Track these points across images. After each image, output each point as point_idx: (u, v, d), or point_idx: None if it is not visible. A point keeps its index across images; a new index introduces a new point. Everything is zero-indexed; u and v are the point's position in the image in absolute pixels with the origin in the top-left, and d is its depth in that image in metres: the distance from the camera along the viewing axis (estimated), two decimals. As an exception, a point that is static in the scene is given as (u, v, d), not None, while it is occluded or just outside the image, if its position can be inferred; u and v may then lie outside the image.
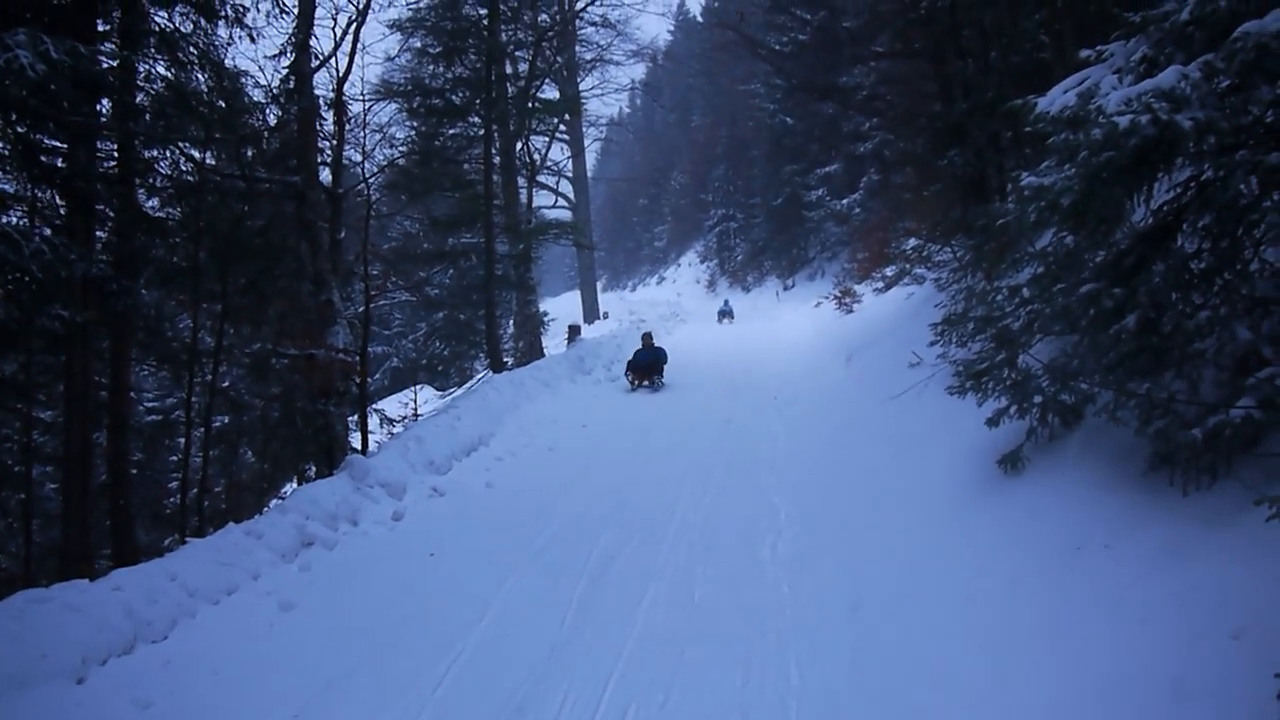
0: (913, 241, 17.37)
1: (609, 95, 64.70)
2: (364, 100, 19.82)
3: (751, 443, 11.47)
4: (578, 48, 27.83)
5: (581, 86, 29.11)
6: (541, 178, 26.49)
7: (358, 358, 14.62)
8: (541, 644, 5.90)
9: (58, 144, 10.96)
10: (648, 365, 16.75)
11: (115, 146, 11.62)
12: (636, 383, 16.60)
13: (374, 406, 19.21)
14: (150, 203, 13.67)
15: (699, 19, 57.52)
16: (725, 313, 33.89)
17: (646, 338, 17.96)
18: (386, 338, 36.50)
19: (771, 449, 11.04)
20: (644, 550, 7.63)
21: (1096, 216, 4.92)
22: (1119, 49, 5.32)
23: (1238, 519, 4.13)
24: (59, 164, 10.76)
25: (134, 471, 13.94)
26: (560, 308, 39.39)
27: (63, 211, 11.09)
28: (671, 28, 56.98)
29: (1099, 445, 5.74)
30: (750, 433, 12.08)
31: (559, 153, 31.32)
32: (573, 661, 5.63)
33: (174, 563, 6.59)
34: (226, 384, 16.69)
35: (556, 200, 32.17)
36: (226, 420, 16.98)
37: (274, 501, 12.88)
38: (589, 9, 26.40)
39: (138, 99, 11.81)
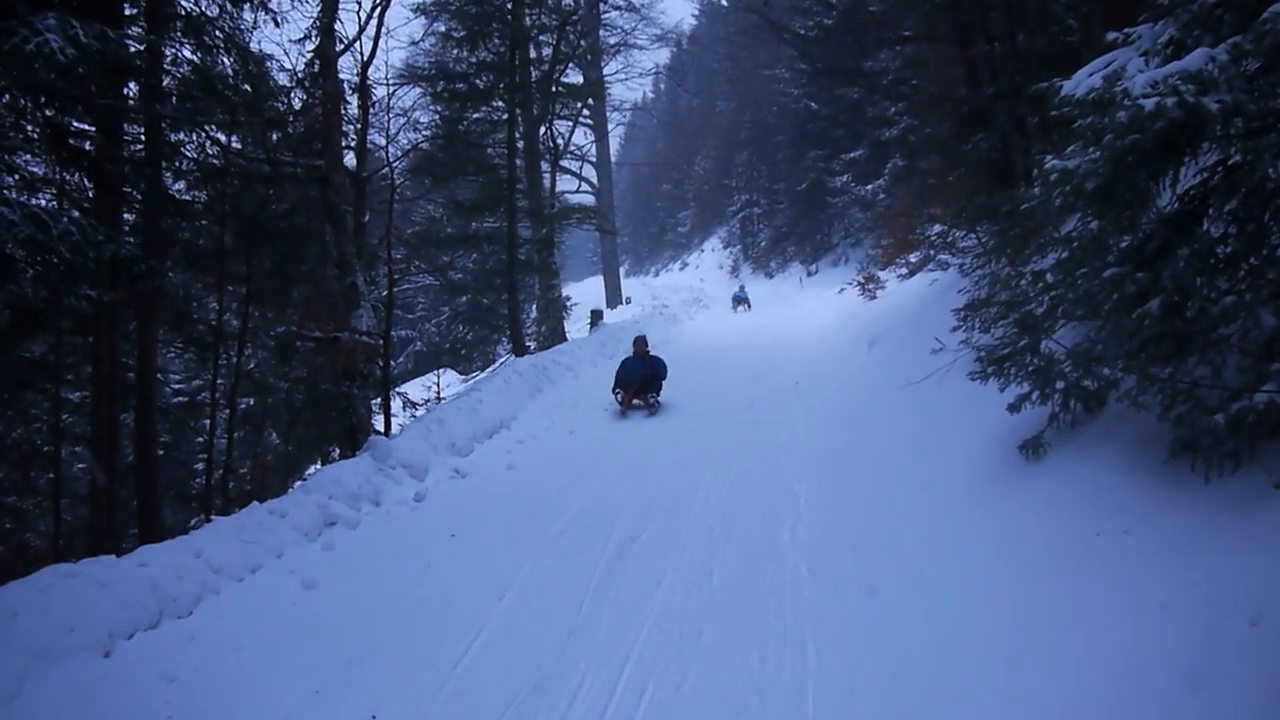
0: (937, 228, 17.28)
1: (633, 80, 64.72)
2: (388, 85, 19.82)
3: (772, 428, 11.46)
4: (601, 32, 27.75)
5: (605, 71, 29.03)
6: (565, 163, 26.50)
7: (381, 341, 14.72)
8: (560, 625, 5.95)
9: (86, 127, 11.06)
10: (642, 380, 13.29)
11: (142, 130, 11.73)
12: (627, 402, 13.14)
13: (397, 390, 19.36)
14: (177, 186, 13.83)
15: (724, 3, 57.22)
16: (740, 299, 31.30)
17: (639, 343, 14.32)
18: (410, 321, 36.70)
19: (791, 434, 11.03)
20: (663, 533, 7.66)
21: (1122, 201, 4.87)
22: (1146, 31, 5.25)
23: (1259, 506, 4.10)
24: (87, 147, 10.86)
25: (161, 453, 14.10)
26: (583, 293, 39.43)
27: (91, 194, 11.20)
28: (696, 12, 56.77)
29: (1120, 432, 5.71)
30: (771, 418, 12.07)
31: (582, 137, 31.29)
32: (591, 642, 5.67)
33: (199, 540, 6.68)
34: (251, 366, 16.86)
35: (580, 185, 32.14)
36: (251, 402, 17.14)
37: (297, 483, 13.02)
38: (613, -8, 26.34)
39: (164, 83, 11.90)
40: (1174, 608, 3.82)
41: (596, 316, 22.74)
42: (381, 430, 13.89)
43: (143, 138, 11.73)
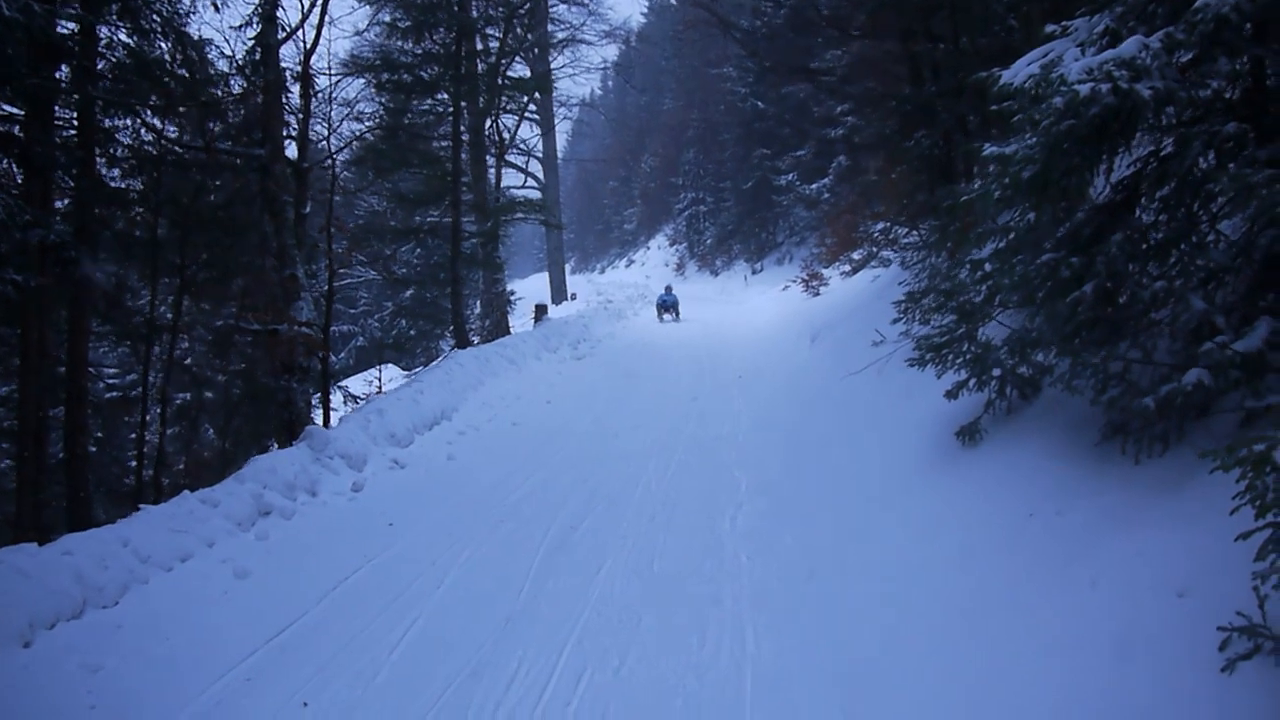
0: (880, 225, 17.45)
1: (580, 76, 64.33)
2: (330, 74, 19.45)
3: (715, 420, 11.49)
4: (549, 26, 27.61)
5: (553, 65, 28.91)
6: (511, 157, 26.33)
7: (321, 333, 14.48)
8: (499, 612, 5.89)
9: (14, 110, 10.71)
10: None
11: (74, 114, 11.39)
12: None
13: (338, 384, 19.08)
14: (112, 173, 13.47)
15: (673, 1, 57.36)
16: (667, 305, 25.63)
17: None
18: (352, 316, 36.21)
19: (735, 426, 11.07)
20: (604, 522, 7.64)
21: (1058, 188, 4.93)
22: (1083, 24, 5.33)
23: (1186, 485, 4.17)
24: (16, 131, 10.52)
25: (92, 449, 13.72)
26: (528, 289, 39.23)
27: (20, 180, 10.85)
28: (645, 9, 56.80)
29: (1054, 418, 5.79)
30: (715, 411, 12.10)
31: (529, 131, 31.12)
32: (529, 629, 5.62)
33: (127, 529, 6.49)
34: (188, 360, 16.52)
35: (526, 180, 31.93)
36: (188, 396, 16.79)
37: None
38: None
39: (99, 66, 11.56)
40: (1104, 583, 3.87)
41: (541, 311, 22.63)
42: (321, 424, 13.67)
43: (75, 123, 11.38)
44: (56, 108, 10.93)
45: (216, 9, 13.24)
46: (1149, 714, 3.12)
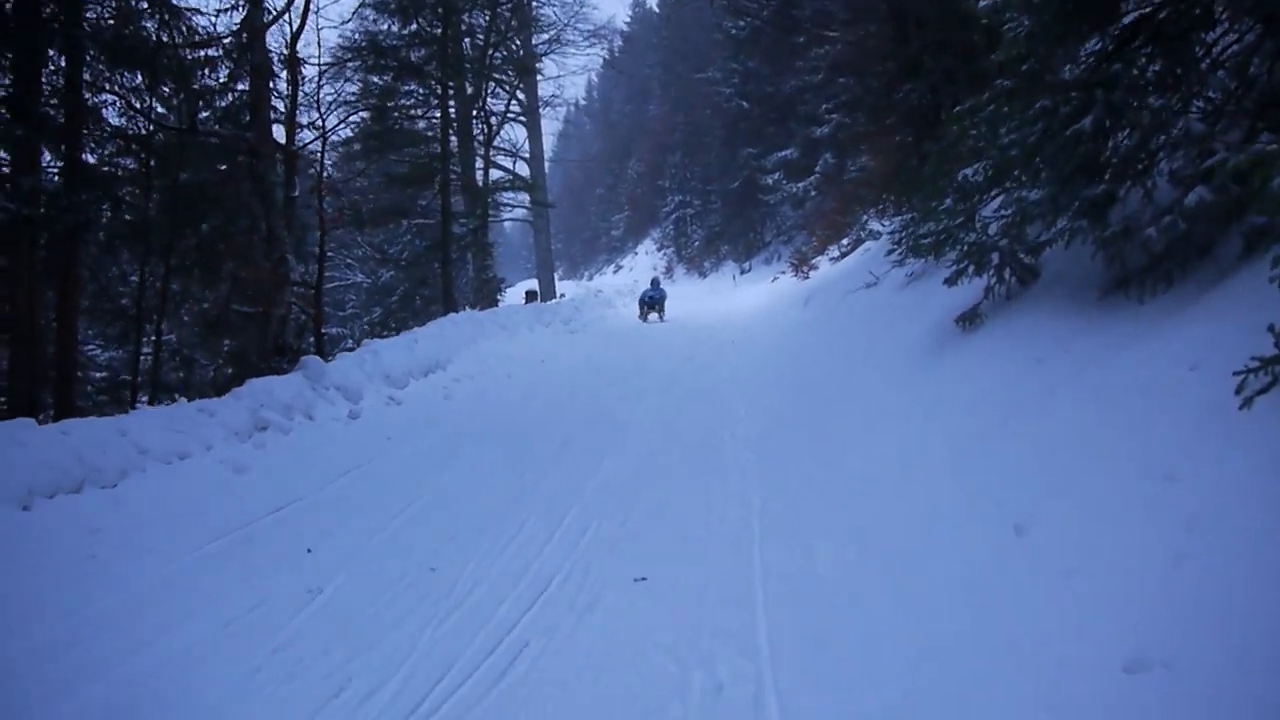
0: (868, 213, 17.67)
1: (566, 77, 64.62)
2: (320, 61, 19.48)
3: (711, 370, 11.48)
4: (533, 29, 27.66)
5: (538, 69, 28.92)
6: (499, 159, 26.33)
7: (311, 313, 14.44)
8: (504, 493, 5.85)
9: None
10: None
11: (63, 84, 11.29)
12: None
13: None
14: (103, 152, 13.43)
15: (655, 9, 57.82)
16: (652, 302, 21.48)
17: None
18: (341, 319, 36.06)
19: (732, 373, 11.05)
20: (606, 437, 7.58)
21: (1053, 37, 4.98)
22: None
23: (1190, 307, 4.17)
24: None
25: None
26: (517, 296, 39.07)
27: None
28: (628, 19, 57.15)
29: (1055, 291, 5.82)
30: (711, 364, 12.09)
31: (515, 133, 31.18)
32: (534, 502, 5.59)
33: (124, 421, 6.44)
34: (175, 343, 16.42)
35: (514, 180, 31.99)
36: (182, 375, 16.68)
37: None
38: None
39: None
40: (1119, 375, 3.90)
41: (531, 297, 22.69)
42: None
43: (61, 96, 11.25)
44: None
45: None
46: (1171, 451, 3.12)
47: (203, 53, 13.95)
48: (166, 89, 13.48)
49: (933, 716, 2.74)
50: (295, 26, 15.11)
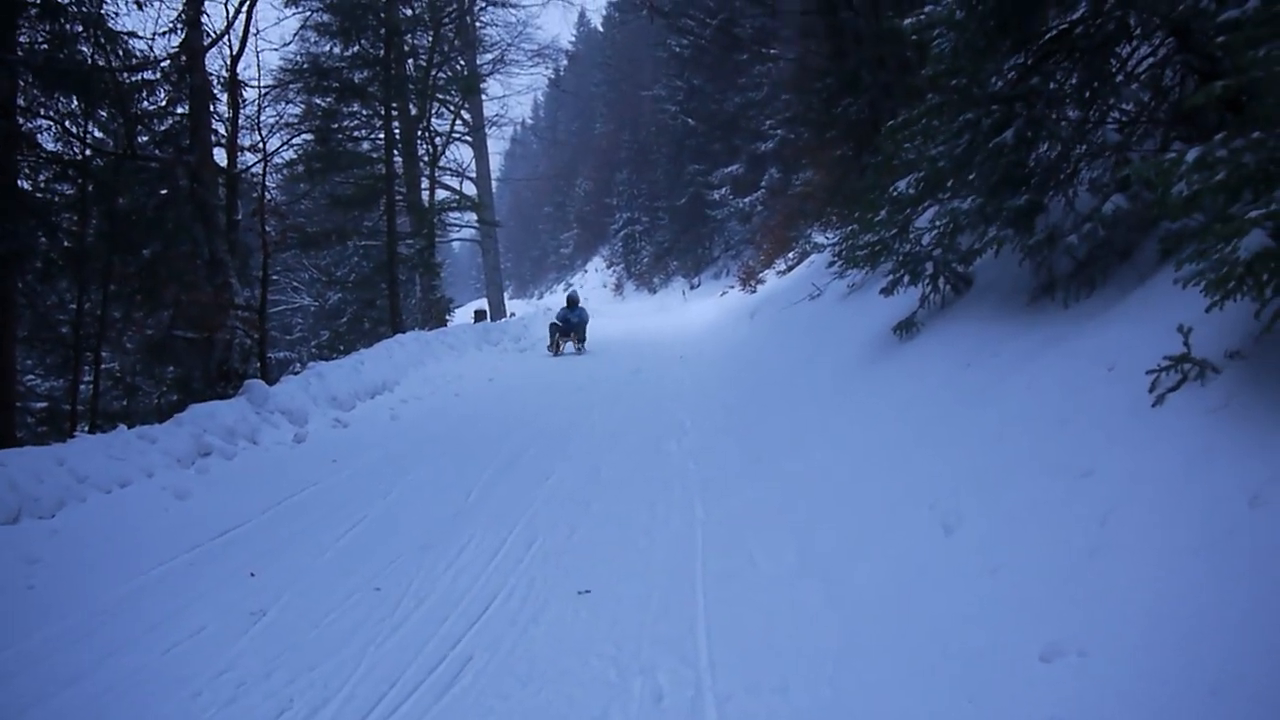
0: (812, 227, 17.94)
1: (511, 97, 64.77)
2: (260, 86, 19.29)
3: (658, 384, 11.54)
4: (478, 49, 27.70)
5: (483, 90, 28.93)
6: (446, 179, 26.29)
7: (256, 337, 14.29)
8: (447, 511, 5.86)
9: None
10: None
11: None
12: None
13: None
14: (39, 178, 13.23)
15: (600, 29, 58.15)
16: (567, 326, 16.70)
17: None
18: (289, 343, 35.67)
19: (678, 386, 11.12)
20: (552, 449, 7.63)
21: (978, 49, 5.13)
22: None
23: (1112, 309, 4.33)
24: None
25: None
26: (466, 316, 38.93)
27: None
28: (573, 38, 57.38)
29: (986, 298, 5.99)
30: (657, 377, 12.15)
31: (461, 153, 31.12)
32: (480, 516, 5.62)
33: (62, 450, 6.34)
34: (118, 370, 16.18)
35: (461, 200, 31.94)
36: (126, 403, 16.40)
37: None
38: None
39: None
40: (1043, 375, 4.03)
41: (480, 316, 22.62)
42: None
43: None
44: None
45: (140, 6, 13.22)
46: (1089, 448, 3.25)
47: (141, 76, 13.89)
48: (104, 113, 13.38)
49: (862, 710, 2.82)
50: (235, 49, 15.04)
